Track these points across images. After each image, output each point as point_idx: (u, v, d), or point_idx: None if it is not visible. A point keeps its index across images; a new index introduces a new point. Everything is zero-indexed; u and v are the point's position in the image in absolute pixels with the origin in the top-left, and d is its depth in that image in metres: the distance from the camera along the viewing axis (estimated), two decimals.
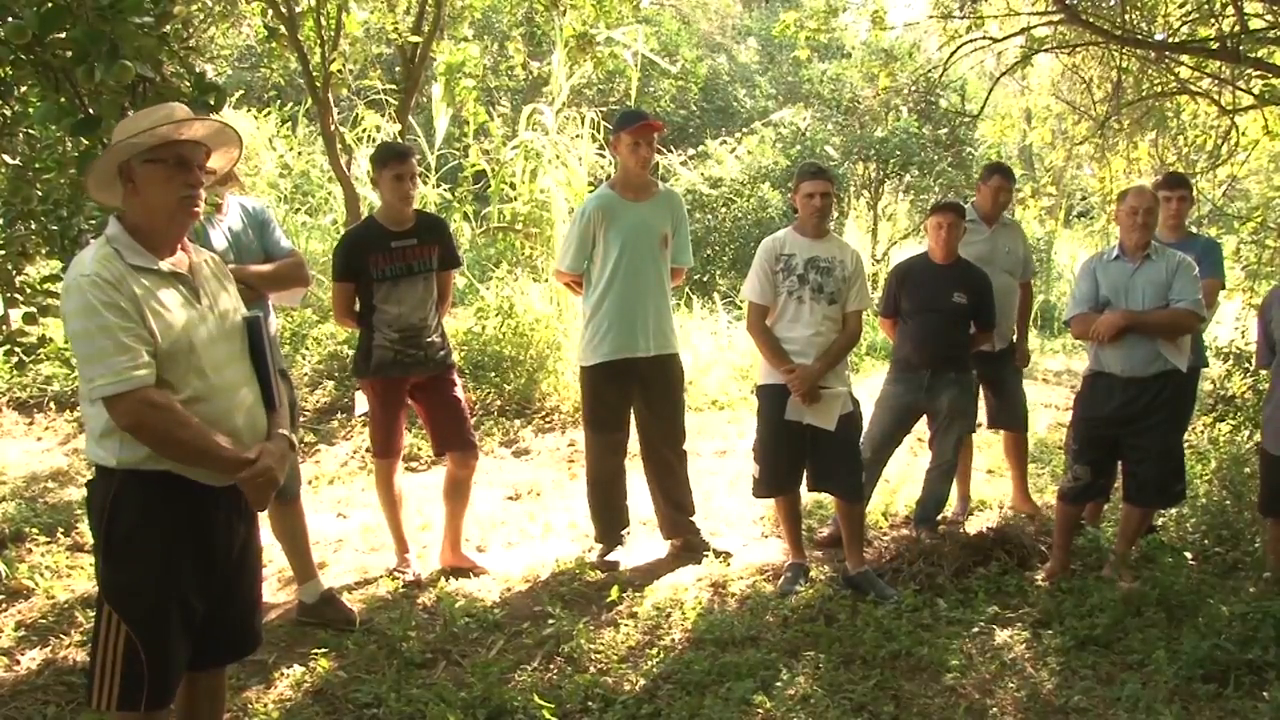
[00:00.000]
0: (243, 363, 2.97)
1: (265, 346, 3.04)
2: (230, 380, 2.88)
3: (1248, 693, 4.06)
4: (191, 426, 2.71)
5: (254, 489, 2.86)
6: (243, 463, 2.81)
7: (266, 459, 2.86)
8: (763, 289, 5.02)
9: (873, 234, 15.23)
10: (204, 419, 2.75)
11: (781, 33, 8.98)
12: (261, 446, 2.89)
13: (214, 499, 2.85)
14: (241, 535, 2.99)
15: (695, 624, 4.63)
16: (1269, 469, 4.91)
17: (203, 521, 2.85)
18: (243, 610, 3.09)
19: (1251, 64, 6.79)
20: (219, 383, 2.83)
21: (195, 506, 2.82)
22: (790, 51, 16.31)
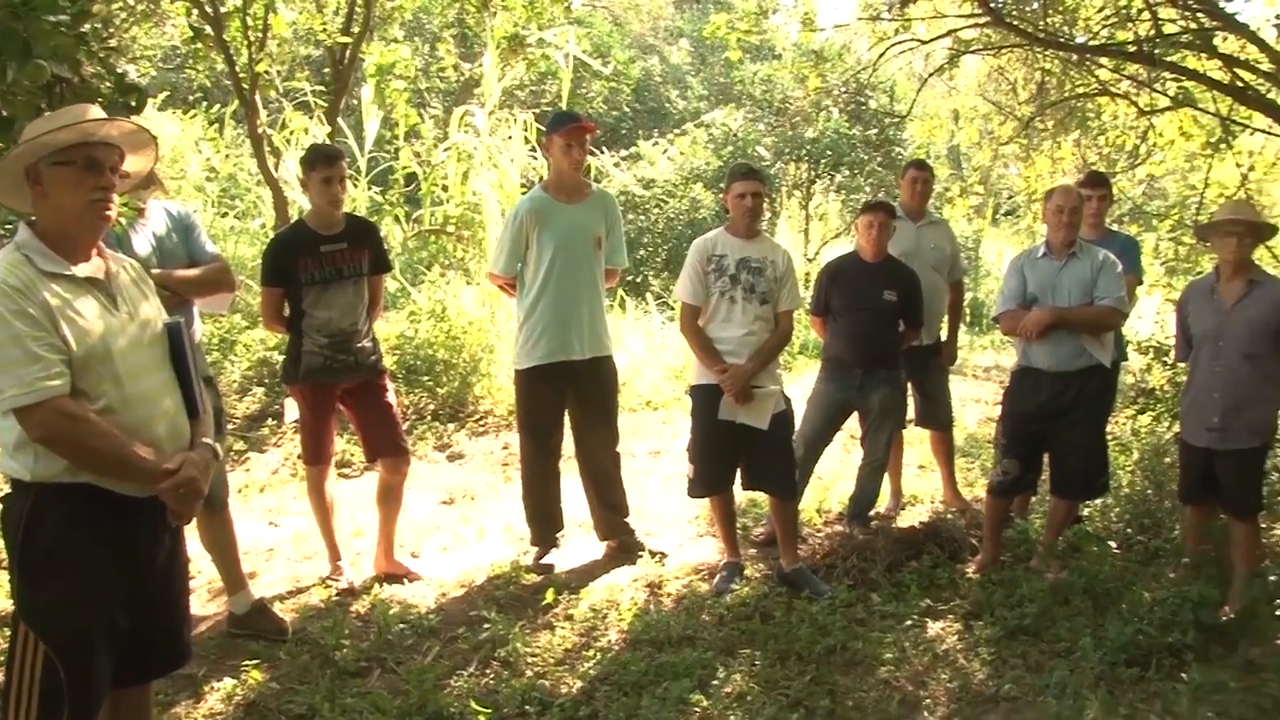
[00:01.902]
0: (164, 370, 2.89)
1: (187, 353, 2.96)
2: (150, 388, 2.80)
3: (1168, 675, 4.18)
4: (108, 437, 2.63)
5: (176, 499, 2.77)
6: (164, 473, 2.73)
7: (189, 469, 2.77)
8: (695, 289, 5.04)
9: (805, 233, 15.34)
10: (123, 428, 2.68)
11: (712, 34, 9.01)
12: (184, 456, 2.80)
13: (137, 511, 2.76)
14: (167, 546, 2.91)
15: (632, 625, 4.64)
16: (1187, 458, 5.02)
17: (126, 534, 2.76)
18: (170, 624, 3.00)
19: (1166, 67, 6.96)
20: (138, 391, 2.75)
21: (117, 519, 2.73)
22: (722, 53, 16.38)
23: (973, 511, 6.05)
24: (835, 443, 6.06)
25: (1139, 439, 6.89)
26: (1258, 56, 6.57)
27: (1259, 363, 4.70)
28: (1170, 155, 9.62)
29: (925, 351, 5.99)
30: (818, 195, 15.78)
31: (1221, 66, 6.78)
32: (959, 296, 6.39)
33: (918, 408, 6.23)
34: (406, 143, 10.92)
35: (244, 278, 8.46)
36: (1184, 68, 6.99)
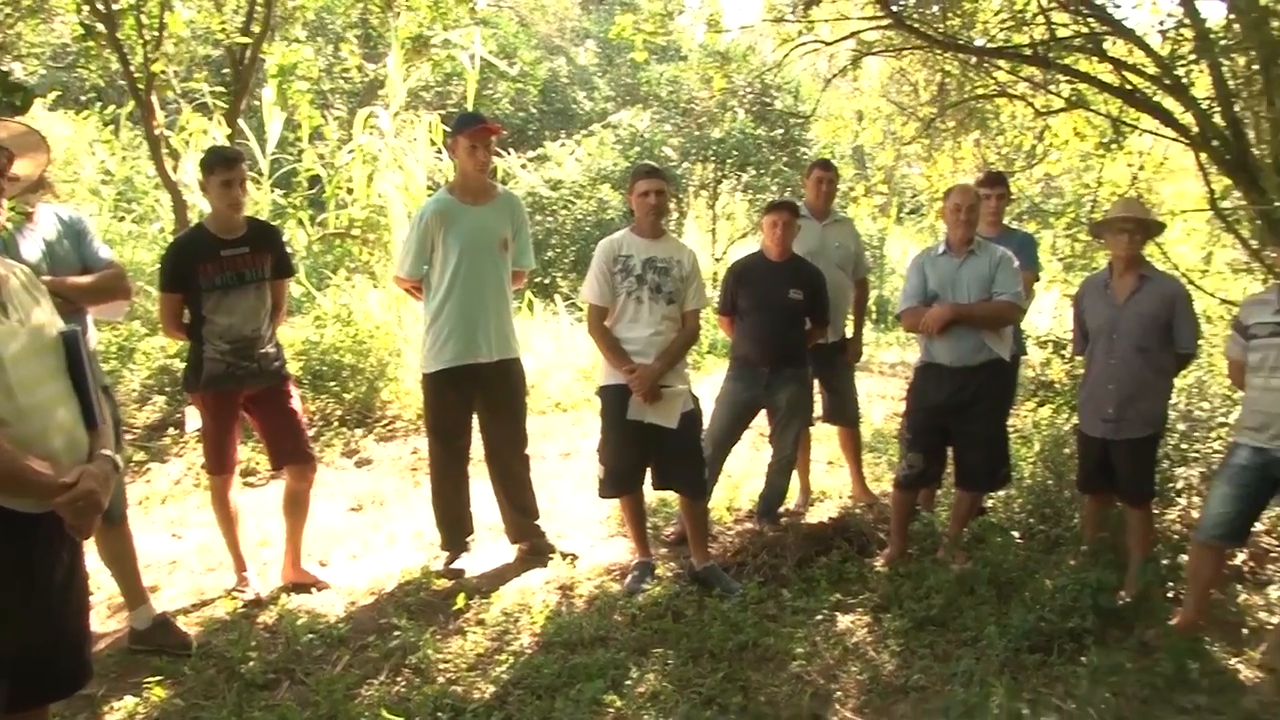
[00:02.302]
0: (59, 380, 2.77)
1: (84, 362, 2.85)
2: (45, 399, 2.69)
3: (1069, 659, 4.32)
4: (1, 451, 2.52)
5: (74, 514, 2.66)
6: (61, 487, 2.62)
7: (87, 481, 2.67)
8: (601, 290, 5.05)
9: (712, 233, 15.45)
10: (16, 442, 2.56)
11: (618, 35, 9.01)
12: (81, 469, 2.70)
13: (33, 527, 2.65)
14: (65, 563, 2.79)
15: (544, 627, 4.63)
16: (1085, 449, 5.17)
17: (22, 551, 2.65)
18: (70, 643, 2.87)
19: (1060, 70, 7.13)
20: (32, 403, 2.64)
21: (12, 535, 2.61)
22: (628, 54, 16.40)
23: (880, 506, 6.16)
24: (744, 441, 6.11)
25: (1039, 431, 7.06)
26: (1144, 61, 6.76)
27: (1150, 355, 4.85)
28: (1065, 155, 9.84)
29: (831, 349, 6.06)
30: (724, 195, 15.91)
31: (1111, 70, 6.96)
32: (864, 294, 6.48)
33: (825, 404, 6.30)
34: (310, 145, 10.73)
35: (142, 283, 8.26)
36: (1077, 70, 7.17)
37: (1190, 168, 7.63)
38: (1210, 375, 7.06)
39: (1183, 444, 6.19)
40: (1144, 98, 6.79)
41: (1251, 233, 6.91)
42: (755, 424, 6.02)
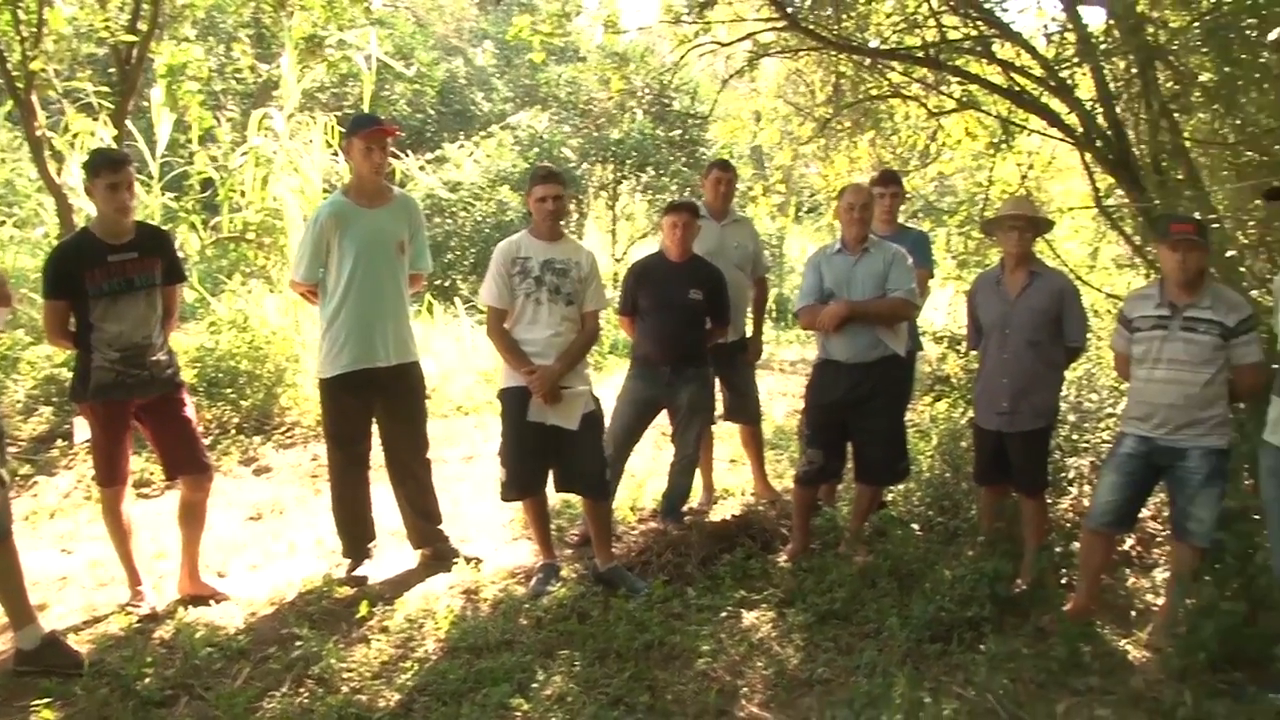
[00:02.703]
0: None
1: None
2: None
3: (969, 647, 4.43)
4: None
5: None
6: None
7: None
8: (500, 292, 5.02)
9: (612, 234, 15.47)
10: None
11: (516, 36, 8.96)
12: None
13: None
14: None
15: (449, 633, 4.59)
16: (980, 441, 5.29)
17: None
18: None
19: (951, 71, 7.28)
20: None
21: None
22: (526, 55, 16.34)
23: (783, 502, 6.22)
24: (646, 440, 6.14)
25: (936, 425, 7.20)
26: (1031, 63, 6.94)
27: (1041, 349, 4.98)
28: (958, 154, 10.04)
29: (732, 348, 6.11)
30: (624, 196, 15.94)
31: (1000, 71, 7.13)
32: (763, 293, 6.54)
33: (726, 403, 6.34)
34: (202, 146, 10.46)
35: (26, 290, 7.98)
36: (967, 72, 7.33)
37: (1077, 167, 7.85)
38: (1098, 368, 7.27)
39: (1073, 435, 6.38)
40: (1031, 99, 6.98)
41: (1134, 229, 7.12)
42: (657, 423, 6.04)
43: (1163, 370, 4.41)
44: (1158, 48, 6.10)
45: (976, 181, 9.75)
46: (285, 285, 8.21)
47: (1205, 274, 4.46)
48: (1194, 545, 4.47)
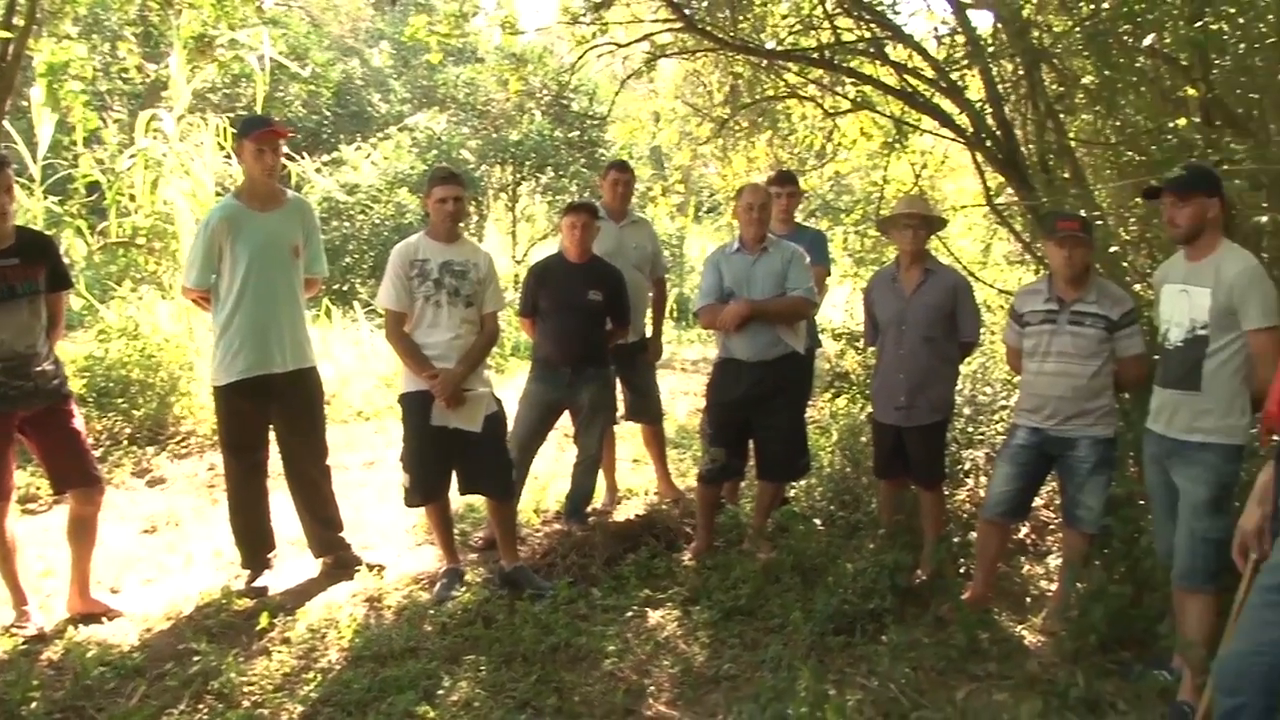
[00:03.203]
0: None
1: None
2: None
3: (871, 638, 4.51)
4: None
5: None
6: None
7: None
8: (398, 295, 4.96)
9: (512, 235, 15.40)
10: None
11: (412, 37, 8.86)
12: None
13: None
14: None
15: (352, 642, 4.52)
16: (879, 436, 5.37)
17: None
18: None
19: (845, 72, 7.39)
20: None
21: None
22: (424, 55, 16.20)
23: (686, 500, 6.26)
24: (549, 441, 6.11)
25: (836, 421, 7.30)
26: (923, 65, 7.08)
27: (936, 344, 5.08)
28: (854, 154, 10.19)
29: (632, 348, 6.12)
30: (524, 197, 15.89)
31: (893, 73, 7.26)
32: (662, 293, 6.57)
33: (627, 403, 6.36)
34: (87, 149, 10.14)
35: None
36: (861, 73, 7.44)
37: (968, 166, 8.02)
38: (992, 362, 7.45)
39: (969, 428, 6.53)
40: (924, 100, 7.11)
41: (1024, 226, 7.31)
42: (560, 424, 6.03)
43: (1052, 363, 4.53)
44: (1043, 51, 6.27)
45: (872, 181, 9.91)
46: (178, 291, 8.00)
47: (1090, 269, 4.60)
48: (1083, 531, 4.62)
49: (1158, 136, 5.87)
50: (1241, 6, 5.36)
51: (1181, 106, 6.03)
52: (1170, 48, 5.57)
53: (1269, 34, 5.25)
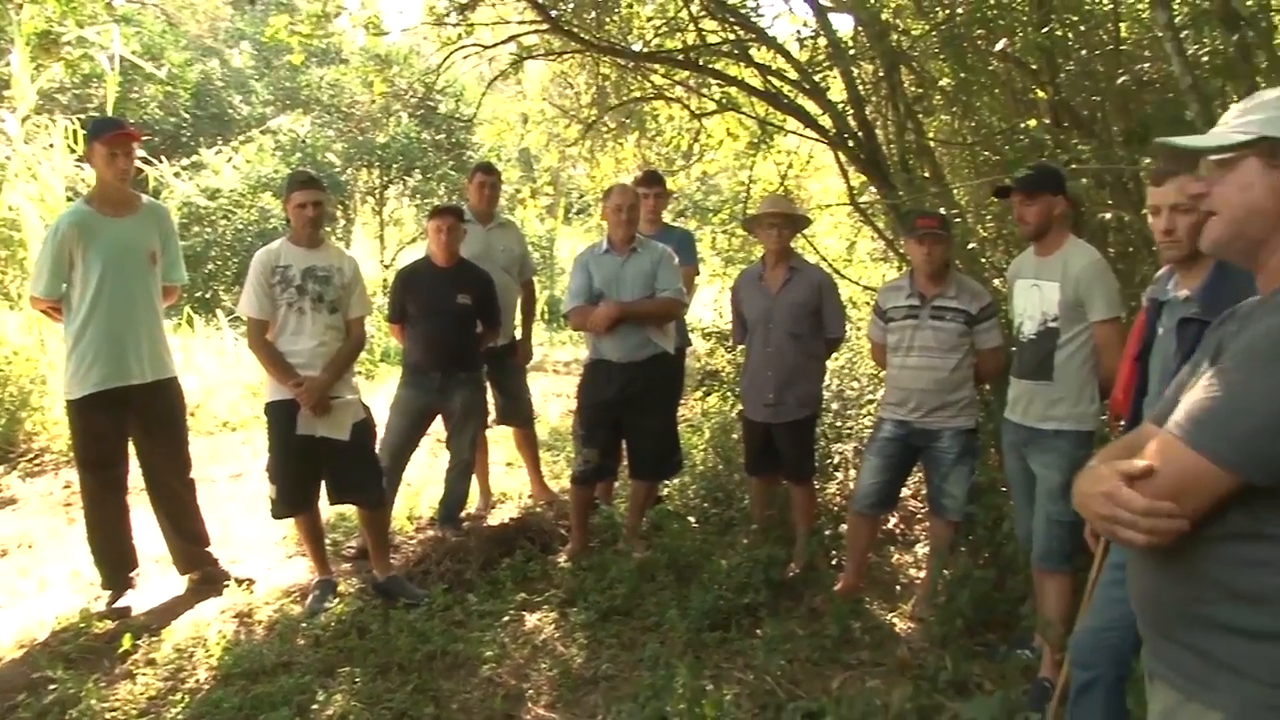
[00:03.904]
0: None
1: None
2: None
3: (747, 632, 4.58)
4: None
5: None
6: None
7: None
8: (260, 303, 4.84)
9: (380, 239, 15.19)
10: None
11: (273, 37, 8.67)
12: None
13: None
14: None
15: (222, 659, 4.38)
16: (749, 433, 5.45)
17: None
18: None
19: (711, 74, 7.49)
20: None
21: None
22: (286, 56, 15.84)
23: (560, 502, 6.26)
24: (421, 447, 6.03)
25: (708, 419, 7.38)
26: (786, 66, 7.21)
27: (803, 341, 5.17)
28: (721, 154, 10.34)
29: (502, 351, 6.09)
30: (391, 200, 15.69)
31: (757, 75, 7.37)
32: (531, 295, 6.54)
33: (499, 406, 6.32)
34: None
35: None
36: (726, 75, 7.55)
37: (833, 165, 8.20)
38: (858, 357, 7.62)
39: (837, 422, 6.67)
40: (788, 101, 7.25)
41: (886, 224, 7.50)
42: (432, 430, 5.96)
43: (915, 357, 4.65)
44: (901, 53, 6.45)
45: (739, 181, 10.05)
46: (27, 301, 7.67)
47: (950, 266, 4.74)
48: (949, 519, 4.76)
49: (1010, 137, 6.09)
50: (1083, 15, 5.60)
51: (1032, 108, 6.28)
52: (1020, 52, 5.79)
53: (1108, 41, 5.50)
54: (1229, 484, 1.57)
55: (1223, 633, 1.64)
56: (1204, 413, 1.61)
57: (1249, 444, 1.55)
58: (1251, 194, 1.69)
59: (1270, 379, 1.55)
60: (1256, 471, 1.55)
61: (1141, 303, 3.31)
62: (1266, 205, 1.69)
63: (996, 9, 5.82)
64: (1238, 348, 1.64)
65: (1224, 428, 1.57)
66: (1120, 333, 3.85)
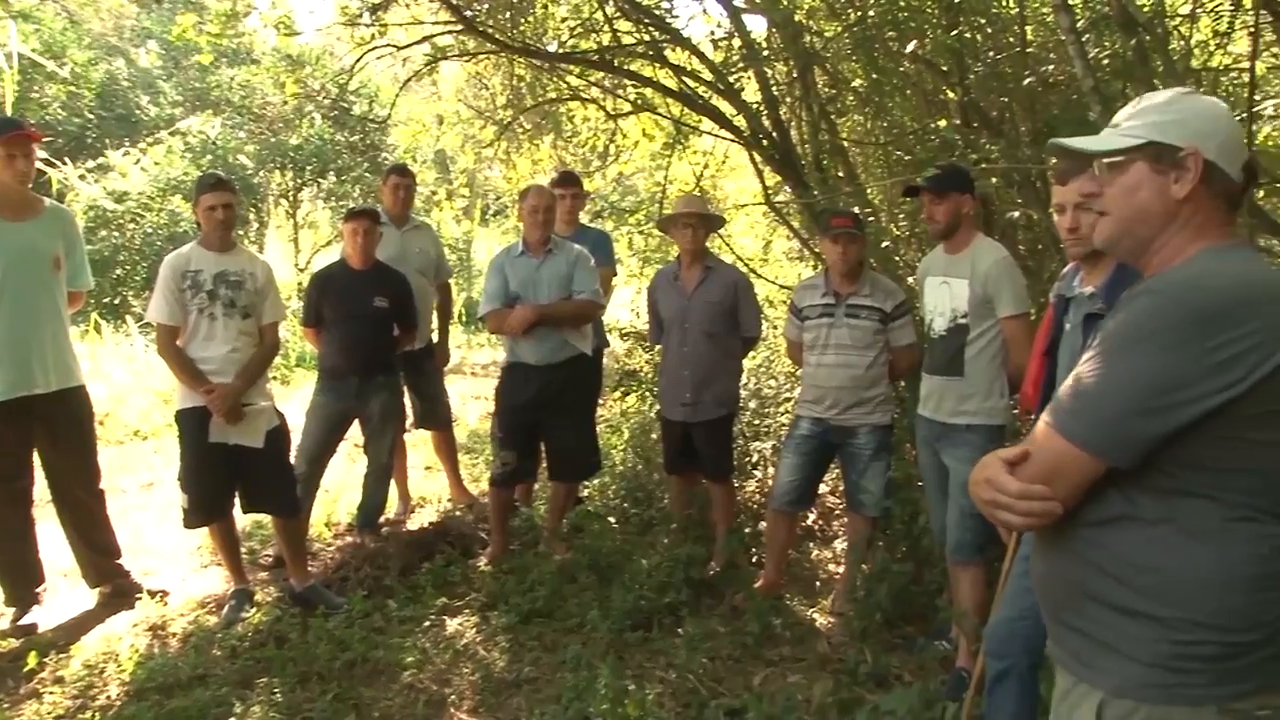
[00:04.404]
0: None
1: None
2: None
3: (668, 631, 4.61)
4: None
5: None
6: None
7: None
8: (170, 309, 4.74)
9: (295, 243, 14.97)
10: None
11: (181, 36, 8.48)
12: None
13: None
14: None
15: (134, 674, 4.28)
16: (668, 432, 5.48)
17: None
18: None
19: (626, 75, 7.51)
20: None
21: None
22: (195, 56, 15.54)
23: (480, 506, 6.23)
24: (339, 452, 5.96)
25: (627, 419, 7.40)
26: (701, 67, 7.26)
27: (719, 341, 5.21)
28: (637, 155, 10.37)
29: (419, 354, 6.05)
30: (306, 203, 15.48)
31: (672, 75, 7.41)
32: (447, 298, 6.50)
33: (417, 410, 6.28)
34: None
35: None
36: (642, 76, 7.57)
37: (748, 166, 8.26)
38: (775, 356, 7.69)
39: (755, 420, 6.72)
40: (702, 101, 7.29)
41: (801, 223, 7.58)
42: (349, 435, 5.89)
43: (831, 355, 4.71)
44: (814, 54, 6.52)
45: (655, 181, 10.08)
46: None
47: (864, 264, 4.82)
48: (866, 515, 4.83)
49: (922, 137, 6.19)
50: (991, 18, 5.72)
51: (942, 108, 6.39)
52: (931, 54, 5.89)
53: (1015, 44, 5.62)
54: (1095, 467, 1.68)
55: (1103, 614, 1.73)
56: (1069, 399, 1.71)
57: (1109, 428, 1.65)
58: (1139, 196, 1.78)
59: (1124, 363, 1.65)
60: (1118, 454, 1.65)
61: (1049, 299, 3.39)
62: (1152, 208, 1.77)
63: (907, 11, 5.92)
64: (1100, 336, 1.73)
65: (1086, 414, 1.68)
66: (1029, 328, 3.93)
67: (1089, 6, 5.53)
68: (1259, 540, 1.64)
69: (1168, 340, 1.62)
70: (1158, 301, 1.66)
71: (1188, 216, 1.76)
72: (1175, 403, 1.60)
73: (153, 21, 21.28)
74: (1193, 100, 1.81)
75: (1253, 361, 1.60)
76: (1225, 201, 1.77)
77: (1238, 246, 1.79)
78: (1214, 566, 1.64)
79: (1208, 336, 1.60)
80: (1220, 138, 1.76)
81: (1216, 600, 1.63)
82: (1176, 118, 1.77)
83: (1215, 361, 1.59)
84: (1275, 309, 1.64)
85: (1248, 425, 1.62)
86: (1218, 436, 1.62)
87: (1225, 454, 1.63)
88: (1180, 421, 1.61)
